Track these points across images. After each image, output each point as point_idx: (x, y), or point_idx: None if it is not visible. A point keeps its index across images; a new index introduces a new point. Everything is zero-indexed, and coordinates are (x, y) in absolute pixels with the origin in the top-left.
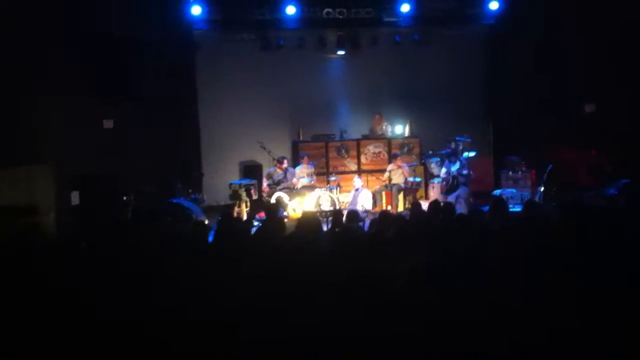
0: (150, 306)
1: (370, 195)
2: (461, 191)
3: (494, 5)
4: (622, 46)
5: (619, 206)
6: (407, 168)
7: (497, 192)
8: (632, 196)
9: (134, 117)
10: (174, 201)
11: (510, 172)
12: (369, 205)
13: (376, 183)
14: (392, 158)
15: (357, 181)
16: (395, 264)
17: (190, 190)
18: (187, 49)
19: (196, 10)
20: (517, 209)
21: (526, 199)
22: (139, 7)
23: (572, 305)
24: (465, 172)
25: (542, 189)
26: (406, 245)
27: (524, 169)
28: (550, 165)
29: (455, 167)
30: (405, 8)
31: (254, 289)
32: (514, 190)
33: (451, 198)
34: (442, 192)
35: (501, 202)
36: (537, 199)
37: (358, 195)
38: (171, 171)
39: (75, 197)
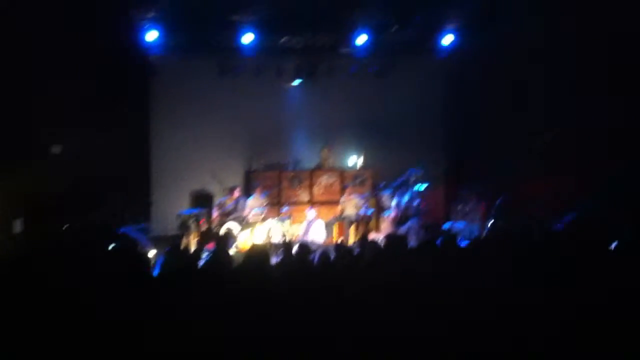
0: (90, 339)
1: (323, 227)
2: (412, 223)
3: (447, 39)
4: (573, 79)
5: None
6: (359, 199)
7: (446, 225)
8: (578, 230)
9: (82, 142)
10: (120, 230)
11: (461, 205)
12: (321, 238)
13: (329, 214)
14: (343, 189)
15: (310, 213)
16: (344, 295)
17: (137, 220)
18: (141, 74)
19: (152, 35)
20: (465, 243)
21: (474, 234)
22: (92, 31)
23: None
24: (415, 203)
25: (491, 223)
26: (356, 278)
27: (474, 201)
28: (500, 199)
29: (405, 199)
30: (361, 39)
31: (201, 322)
32: (463, 224)
33: (403, 230)
34: (393, 224)
35: (451, 238)
36: (484, 233)
37: (310, 227)
38: (118, 199)
39: (17, 225)
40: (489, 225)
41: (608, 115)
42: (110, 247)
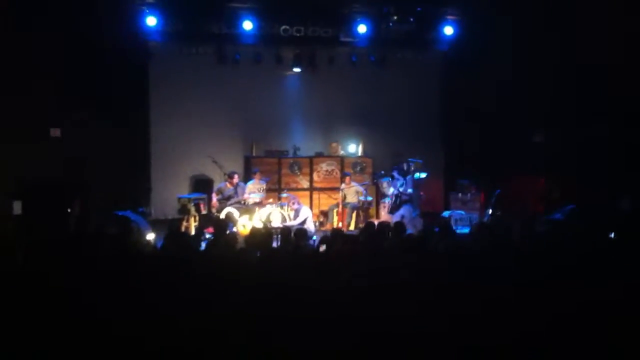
0: (88, 323)
1: (311, 214)
2: (405, 210)
3: (448, 30)
4: (573, 75)
5: (564, 231)
6: (360, 187)
7: (446, 213)
8: (577, 221)
9: (83, 126)
10: (120, 213)
11: (460, 194)
12: (311, 223)
13: (328, 201)
14: (342, 177)
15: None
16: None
17: (136, 203)
18: (140, 59)
19: (151, 21)
20: (465, 230)
21: (474, 221)
22: (91, 14)
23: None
24: (409, 191)
25: (490, 212)
26: (355, 264)
27: (473, 191)
28: (498, 190)
29: (400, 185)
30: (362, 29)
31: (202, 304)
32: (462, 212)
33: (396, 217)
34: (387, 212)
35: (447, 224)
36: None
37: (299, 212)
38: (119, 182)
39: (17, 207)
40: (488, 214)
41: (609, 110)
42: (111, 230)
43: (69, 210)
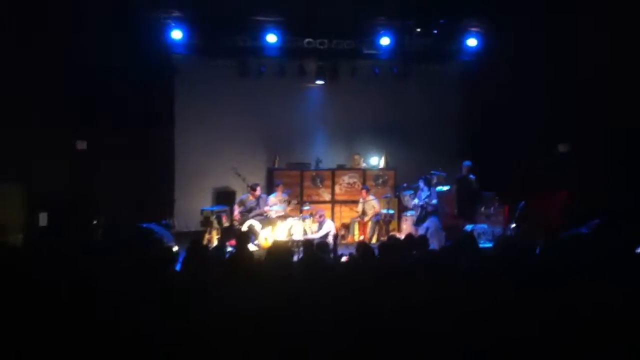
0: (114, 336)
1: (334, 228)
2: (430, 222)
3: (472, 42)
4: (594, 87)
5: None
6: (376, 201)
7: (469, 227)
8: (603, 235)
9: (108, 138)
10: (144, 226)
11: (483, 208)
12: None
13: (350, 214)
14: (360, 190)
15: (319, 212)
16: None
17: (161, 216)
18: (166, 72)
19: (176, 34)
20: (488, 244)
21: (498, 235)
22: (118, 28)
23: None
24: (434, 202)
25: (514, 225)
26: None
27: (497, 204)
28: (523, 203)
29: (425, 196)
30: (384, 41)
31: (222, 316)
32: (485, 226)
33: (421, 230)
34: (413, 224)
35: (471, 239)
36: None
37: (323, 225)
38: (143, 196)
39: (43, 218)
40: (511, 227)
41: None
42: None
43: (94, 222)
